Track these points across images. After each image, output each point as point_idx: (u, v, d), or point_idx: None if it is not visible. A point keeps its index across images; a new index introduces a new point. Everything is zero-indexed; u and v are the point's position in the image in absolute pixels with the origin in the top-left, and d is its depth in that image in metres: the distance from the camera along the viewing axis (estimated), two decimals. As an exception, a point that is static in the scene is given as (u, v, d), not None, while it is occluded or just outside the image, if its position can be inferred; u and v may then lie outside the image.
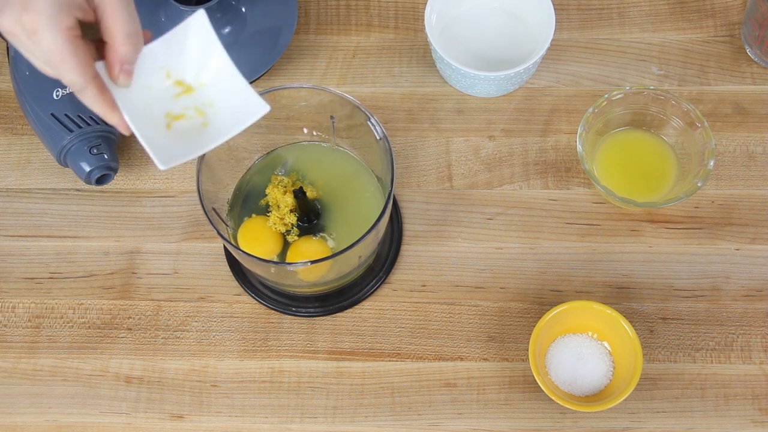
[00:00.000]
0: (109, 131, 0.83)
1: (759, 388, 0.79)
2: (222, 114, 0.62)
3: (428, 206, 0.86)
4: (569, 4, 0.94)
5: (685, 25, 0.93)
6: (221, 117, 0.62)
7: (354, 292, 0.82)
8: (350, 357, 0.81)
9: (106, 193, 0.87)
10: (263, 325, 0.82)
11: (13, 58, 0.84)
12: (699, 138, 0.82)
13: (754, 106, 0.88)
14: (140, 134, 0.60)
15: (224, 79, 0.62)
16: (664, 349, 0.80)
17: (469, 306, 0.82)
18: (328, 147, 0.81)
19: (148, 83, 0.62)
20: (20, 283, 0.84)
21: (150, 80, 0.62)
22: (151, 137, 0.60)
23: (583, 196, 0.86)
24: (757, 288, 0.82)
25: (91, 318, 0.83)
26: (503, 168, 0.87)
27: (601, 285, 0.83)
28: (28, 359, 0.81)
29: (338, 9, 0.94)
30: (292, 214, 0.77)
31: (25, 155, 0.89)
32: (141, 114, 0.61)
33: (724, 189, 0.86)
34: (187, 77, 0.63)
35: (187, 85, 0.63)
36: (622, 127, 0.86)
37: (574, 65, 0.91)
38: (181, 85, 0.63)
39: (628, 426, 0.78)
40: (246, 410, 0.79)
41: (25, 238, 0.86)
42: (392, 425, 0.79)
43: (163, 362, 0.81)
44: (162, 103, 0.62)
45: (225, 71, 0.62)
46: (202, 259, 0.84)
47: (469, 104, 0.90)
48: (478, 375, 0.80)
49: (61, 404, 0.80)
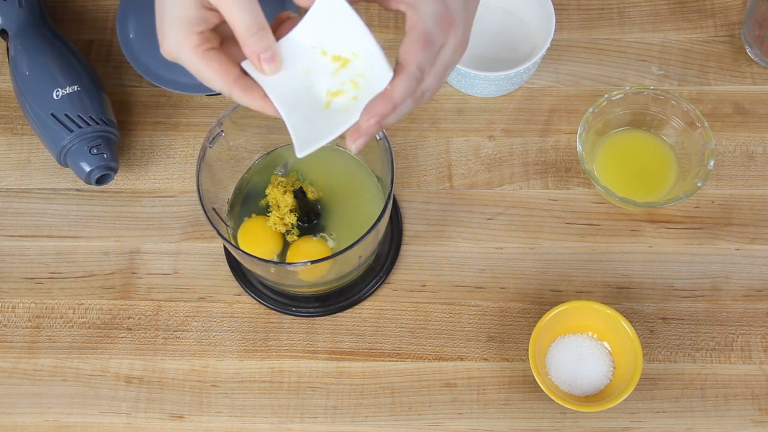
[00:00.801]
0: (109, 131, 0.83)
1: (759, 388, 0.79)
2: (368, 84, 0.61)
3: (428, 206, 0.86)
4: (569, 4, 0.94)
5: (685, 25, 0.93)
6: (367, 87, 0.61)
7: (354, 292, 0.82)
8: (350, 357, 0.81)
9: (106, 193, 0.87)
10: (263, 325, 0.82)
11: (13, 58, 0.84)
12: (699, 138, 0.82)
13: (754, 106, 0.88)
14: (288, 123, 0.60)
15: (366, 46, 0.61)
16: (664, 349, 0.80)
17: (469, 306, 0.82)
18: (328, 147, 0.81)
19: (305, 67, 0.61)
20: (20, 283, 0.84)
21: (307, 64, 0.61)
22: (298, 125, 0.60)
23: (583, 196, 0.86)
24: (757, 288, 0.82)
25: (91, 318, 0.83)
26: (503, 168, 0.87)
27: (601, 285, 0.83)
28: (28, 359, 0.81)
29: (338, 9, 0.94)
30: (292, 214, 0.77)
31: (25, 155, 0.89)
32: (297, 100, 0.61)
33: (724, 189, 0.86)
34: (343, 51, 0.61)
35: (344, 59, 0.61)
36: (622, 127, 0.86)
37: (574, 65, 0.91)
38: (339, 59, 0.61)
39: (628, 426, 0.78)
40: (246, 410, 0.79)
41: (25, 238, 0.86)
42: (392, 425, 0.79)
43: (163, 362, 0.81)
44: (322, 82, 0.62)
45: (366, 38, 0.61)
46: (202, 259, 0.84)
47: (469, 104, 0.90)
48: (478, 375, 0.80)
49: (61, 404, 0.80)
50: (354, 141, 0.59)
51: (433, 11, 0.58)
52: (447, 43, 0.59)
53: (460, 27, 0.59)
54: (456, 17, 0.59)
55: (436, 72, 0.59)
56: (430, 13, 0.58)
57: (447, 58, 0.59)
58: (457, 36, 0.59)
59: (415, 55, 0.57)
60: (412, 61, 0.57)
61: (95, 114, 0.82)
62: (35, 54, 0.83)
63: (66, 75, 0.83)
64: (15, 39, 0.85)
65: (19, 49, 0.84)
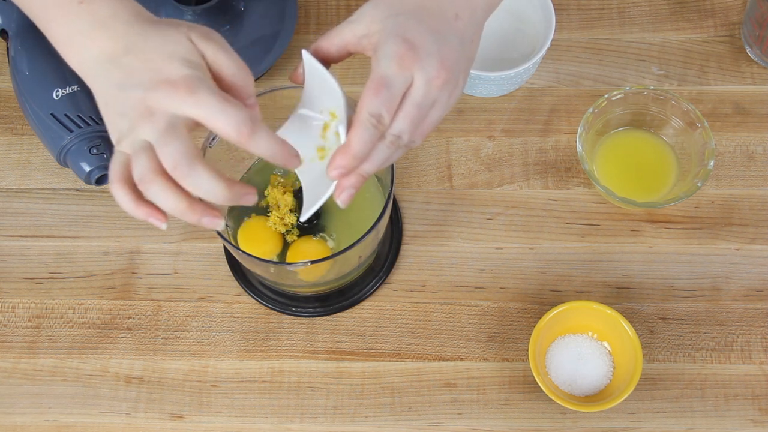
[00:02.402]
0: (109, 131, 0.83)
1: (759, 388, 0.79)
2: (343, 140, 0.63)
3: (428, 206, 0.86)
4: (569, 4, 0.94)
5: (685, 25, 0.93)
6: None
7: (354, 292, 0.82)
8: (350, 357, 0.81)
9: (106, 193, 0.87)
10: (263, 325, 0.82)
11: (13, 58, 0.84)
12: (699, 138, 0.82)
13: (754, 106, 0.88)
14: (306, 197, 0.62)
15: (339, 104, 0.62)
16: (664, 349, 0.80)
17: (469, 306, 0.82)
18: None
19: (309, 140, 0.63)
20: (20, 283, 0.84)
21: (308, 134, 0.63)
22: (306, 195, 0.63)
23: (583, 196, 0.86)
24: (757, 288, 0.82)
25: (91, 318, 0.83)
26: (503, 168, 0.87)
27: (601, 285, 0.83)
28: (28, 359, 0.81)
29: (338, 9, 0.94)
30: (292, 214, 0.77)
31: (25, 155, 0.89)
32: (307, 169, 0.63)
33: (724, 189, 0.86)
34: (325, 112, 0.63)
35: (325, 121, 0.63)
36: (622, 127, 0.86)
37: (574, 65, 0.91)
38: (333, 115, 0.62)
39: (628, 426, 0.78)
40: (246, 410, 0.79)
41: (25, 238, 0.86)
42: (392, 425, 0.79)
43: (163, 362, 0.81)
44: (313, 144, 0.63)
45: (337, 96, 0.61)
46: (202, 259, 0.84)
47: (469, 104, 0.90)
48: (478, 375, 0.80)
49: (61, 404, 0.80)
50: (338, 197, 0.60)
51: (391, 52, 0.57)
52: (414, 81, 0.57)
53: (431, 62, 0.58)
54: (421, 53, 0.57)
55: (407, 113, 0.58)
56: (387, 54, 0.57)
57: (418, 96, 0.58)
58: (427, 72, 0.57)
59: (366, 102, 0.57)
60: (363, 108, 0.57)
61: (95, 114, 0.82)
62: (35, 54, 0.83)
63: (66, 75, 0.83)
64: (15, 39, 0.85)
65: (19, 49, 0.84)
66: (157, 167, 0.54)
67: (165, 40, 0.56)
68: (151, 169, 0.54)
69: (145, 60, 0.56)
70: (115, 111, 0.56)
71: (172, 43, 0.56)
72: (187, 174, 0.54)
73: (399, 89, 0.57)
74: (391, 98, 0.57)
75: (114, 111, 0.56)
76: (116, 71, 0.56)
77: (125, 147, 0.56)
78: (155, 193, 0.54)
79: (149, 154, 0.54)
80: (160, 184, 0.54)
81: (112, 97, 0.56)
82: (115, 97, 0.56)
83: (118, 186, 0.56)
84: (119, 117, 0.56)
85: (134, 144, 0.55)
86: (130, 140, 0.55)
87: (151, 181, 0.54)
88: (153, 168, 0.54)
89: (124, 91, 0.55)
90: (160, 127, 0.54)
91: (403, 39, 0.57)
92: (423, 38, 0.58)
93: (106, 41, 0.57)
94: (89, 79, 0.58)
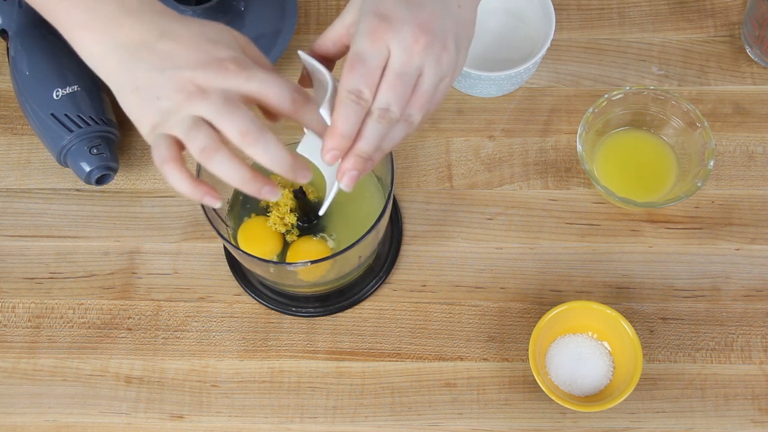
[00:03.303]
0: (109, 131, 0.83)
1: (759, 388, 0.79)
2: None
3: (428, 206, 0.86)
4: (569, 4, 0.94)
5: (685, 25, 0.93)
6: None
7: (354, 292, 0.82)
8: (350, 357, 0.81)
9: (106, 193, 0.87)
10: (263, 325, 0.82)
11: (13, 58, 0.84)
12: (699, 138, 0.82)
13: (754, 106, 0.88)
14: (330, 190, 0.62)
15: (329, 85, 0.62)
16: (664, 349, 0.80)
17: (469, 306, 0.82)
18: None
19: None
20: (20, 283, 0.84)
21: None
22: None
23: (583, 196, 0.86)
24: (757, 288, 0.82)
25: (91, 318, 0.83)
26: (503, 168, 0.87)
27: (601, 285, 0.83)
28: (28, 359, 0.81)
29: (338, 9, 0.94)
30: (292, 214, 0.77)
31: (25, 155, 0.89)
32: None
33: (724, 189, 0.86)
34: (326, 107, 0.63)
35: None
36: (622, 127, 0.86)
37: (574, 65, 0.91)
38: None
39: (628, 426, 0.78)
40: (246, 410, 0.79)
41: (25, 238, 0.86)
42: (392, 425, 0.79)
43: (163, 362, 0.81)
44: None
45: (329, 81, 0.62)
46: (202, 259, 0.84)
47: (469, 104, 0.90)
48: (478, 375, 0.80)
49: (61, 404, 0.80)
50: (340, 180, 0.59)
51: (363, 29, 0.57)
52: (391, 51, 0.57)
53: (405, 29, 0.57)
54: (394, 22, 0.57)
55: (390, 84, 0.57)
56: (360, 32, 0.57)
57: (397, 65, 0.57)
58: (403, 39, 0.57)
59: (343, 80, 0.57)
60: (342, 87, 0.57)
61: (95, 114, 0.82)
62: (35, 54, 0.83)
63: (66, 75, 0.83)
64: (15, 39, 0.85)
65: (19, 49, 0.84)
66: (219, 138, 0.55)
67: (206, 29, 0.58)
68: (214, 139, 0.55)
69: (188, 44, 0.56)
70: (150, 95, 0.56)
71: (214, 30, 0.58)
72: (258, 138, 0.55)
73: (375, 62, 0.57)
74: (367, 72, 0.57)
75: (149, 95, 0.56)
76: (151, 56, 0.57)
77: (169, 128, 0.56)
78: (219, 162, 0.55)
79: (207, 127, 0.55)
80: (225, 153, 0.55)
81: (146, 81, 0.56)
82: (151, 81, 0.56)
83: (172, 166, 0.56)
84: (156, 100, 0.56)
85: (183, 122, 0.55)
86: (175, 120, 0.56)
87: (216, 149, 0.55)
88: (216, 138, 0.55)
89: (164, 73, 0.56)
90: (218, 102, 0.55)
91: (375, 13, 0.57)
92: (396, 9, 0.58)
93: (135, 28, 0.58)
94: (110, 66, 0.58)
